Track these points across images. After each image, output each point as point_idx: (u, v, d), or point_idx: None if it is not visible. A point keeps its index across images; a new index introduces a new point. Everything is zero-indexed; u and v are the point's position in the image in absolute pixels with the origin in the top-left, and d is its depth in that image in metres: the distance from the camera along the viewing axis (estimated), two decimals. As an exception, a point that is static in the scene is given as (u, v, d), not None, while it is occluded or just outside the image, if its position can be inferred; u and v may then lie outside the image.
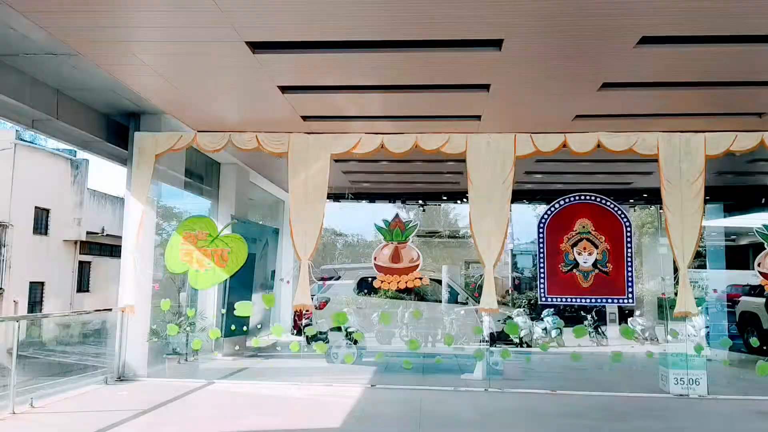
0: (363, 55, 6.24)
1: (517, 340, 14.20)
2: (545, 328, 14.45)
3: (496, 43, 5.79)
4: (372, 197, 14.53)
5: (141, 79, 7.03)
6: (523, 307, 16.92)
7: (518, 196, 13.71)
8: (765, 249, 8.34)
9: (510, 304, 18.60)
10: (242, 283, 10.84)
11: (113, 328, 8.88)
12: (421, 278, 8.58)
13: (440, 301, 12.98)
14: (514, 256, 22.05)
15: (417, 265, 8.55)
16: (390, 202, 14.43)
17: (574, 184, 12.32)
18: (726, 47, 5.81)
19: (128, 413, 6.65)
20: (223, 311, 9.44)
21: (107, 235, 24.60)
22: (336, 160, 10.44)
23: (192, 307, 9.97)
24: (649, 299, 14.95)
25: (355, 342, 9.76)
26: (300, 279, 8.47)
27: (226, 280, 9.77)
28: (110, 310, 9.20)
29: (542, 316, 16.37)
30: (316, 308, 10.96)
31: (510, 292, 22.62)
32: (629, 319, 15.49)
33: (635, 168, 10.89)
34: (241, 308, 8.89)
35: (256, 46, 5.99)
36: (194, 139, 8.72)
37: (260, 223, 14.17)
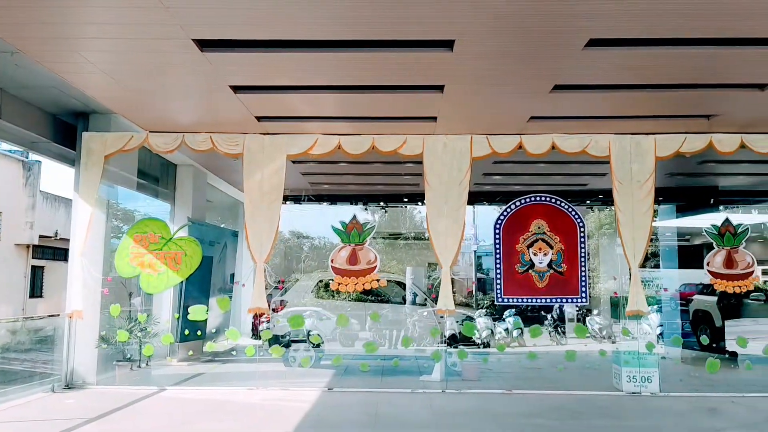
0: (316, 54, 6.15)
1: (479, 341, 14.33)
2: (507, 329, 14.58)
3: (448, 44, 5.78)
4: (333, 199, 14.43)
5: (86, 77, 6.81)
6: (486, 307, 17.03)
7: (477, 197, 13.83)
8: (714, 249, 8.55)
9: (473, 305, 18.73)
10: (199, 286, 10.64)
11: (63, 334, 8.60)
12: (378, 280, 8.52)
13: (401, 303, 12.97)
14: (478, 257, 22.23)
15: (374, 267, 8.49)
16: (351, 204, 14.34)
17: (531, 185, 12.44)
18: (673, 50, 5.90)
19: (72, 422, 6.43)
20: (177, 316, 9.22)
21: (61, 238, 23.88)
22: (294, 162, 10.34)
23: (145, 312, 9.72)
24: (606, 298, 15.20)
25: (317, 345, 9.67)
26: (256, 282, 8.34)
27: (182, 283, 9.59)
28: (57, 315, 8.88)
29: (504, 316, 16.52)
30: (273, 311, 10.82)
31: (473, 293, 22.78)
32: (587, 318, 15.74)
33: (590, 169, 11.06)
34: (195, 312, 8.70)
35: (205, 45, 5.85)
36: (146, 140, 8.52)
37: (219, 225, 13.92)
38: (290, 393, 8.23)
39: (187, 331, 9.01)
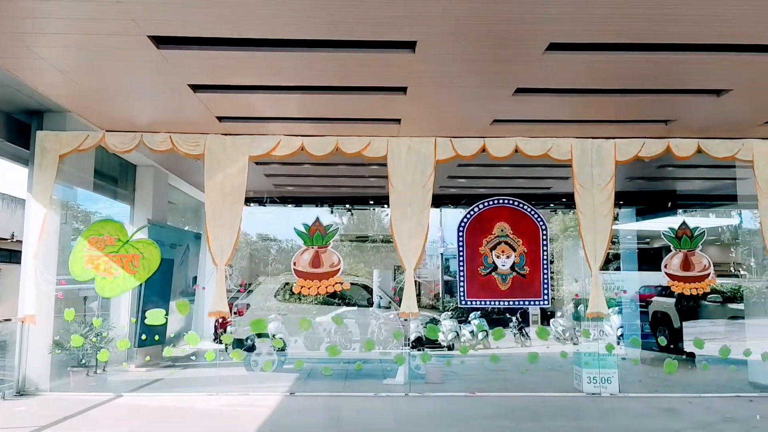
0: (278, 54, 6.07)
1: (445, 344, 14.36)
2: (472, 331, 14.64)
3: (410, 45, 5.76)
4: (298, 201, 14.30)
5: (38, 74, 6.60)
6: (452, 310, 17.10)
7: (443, 200, 13.88)
8: (671, 251, 8.70)
9: (440, 308, 18.78)
10: (159, 290, 10.40)
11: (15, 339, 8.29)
12: (342, 283, 8.44)
13: (367, 306, 12.90)
14: (446, 260, 22.33)
15: (338, 270, 8.41)
16: (317, 206, 14.24)
17: (496, 189, 12.54)
18: (632, 55, 5.99)
19: (22, 430, 6.19)
20: (134, 320, 8.98)
21: (17, 240, 23.14)
22: (257, 163, 10.22)
23: (102, 316, 9.45)
24: (570, 300, 15.41)
25: (281, 349, 9.53)
26: (216, 285, 8.18)
27: (141, 287, 9.36)
28: (9, 320, 8.56)
29: (469, 319, 16.59)
30: (235, 314, 10.64)
31: (440, 295, 22.85)
32: (551, 320, 15.93)
33: (553, 173, 11.18)
34: (152, 317, 8.48)
35: (161, 42, 5.72)
36: (102, 139, 8.29)
37: (182, 227, 13.66)
38: (251, 398, 8.08)
39: (144, 336, 8.78)
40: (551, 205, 14.12)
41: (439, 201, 14.05)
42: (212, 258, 8.13)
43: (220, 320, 10.71)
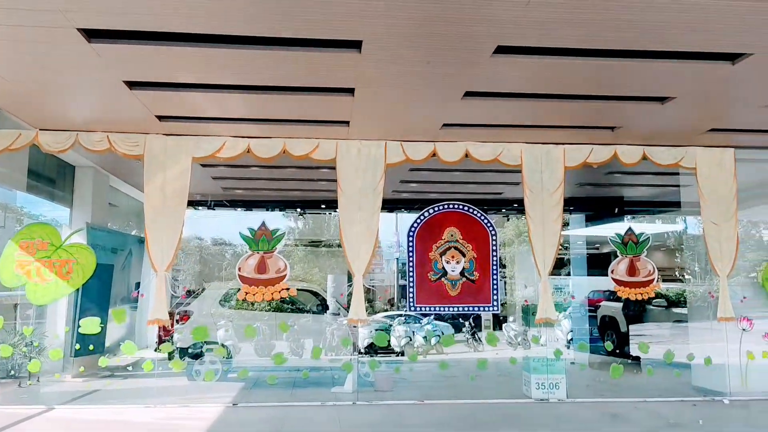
0: (219, 51, 5.79)
1: (398, 349, 14.24)
2: (426, 336, 14.57)
3: (356, 45, 5.60)
4: (248, 205, 13.96)
5: (-41, 67, 6.16)
6: (405, 315, 17.01)
7: (397, 204, 13.76)
8: (618, 257, 8.79)
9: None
10: (97, 297, 9.96)
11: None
12: (288, 289, 8.21)
13: (320, 313, 12.67)
14: (402, 264, 22.25)
15: (284, 276, 8.17)
16: (267, 210, 13.94)
17: (449, 193, 12.52)
18: (578, 60, 5.96)
19: (-64, 451, 5.75)
20: (67, 329, 8.53)
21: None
22: (203, 165, 9.90)
23: (36, 325, 8.97)
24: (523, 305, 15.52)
25: (226, 357, 9.21)
26: (156, 292, 7.83)
27: (78, 293, 8.95)
28: (-68, 330, 8.03)
29: (423, 324, 16.53)
30: (177, 322, 10.26)
31: (396, 300, 22.76)
32: (503, 325, 16.01)
33: (505, 178, 11.19)
34: (87, 325, 8.06)
35: (92, 35, 5.39)
36: (35, 138, 7.86)
37: (124, 231, 13.14)
38: (191, 410, 7.77)
39: (78, 346, 8.36)
40: (503, 210, 14.17)
41: (392, 205, 13.95)
42: (151, 263, 7.78)
43: (164, 328, 10.29)
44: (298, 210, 14.32)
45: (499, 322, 16.60)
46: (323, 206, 14.17)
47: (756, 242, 9.88)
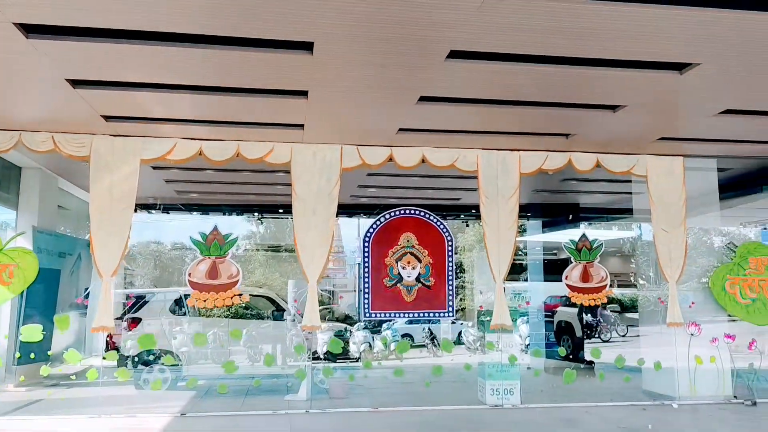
0: (167, 49, 5.61)
1: (357, 355, 14.11)
2: (385, 342, 14.50)
3: (308, 46, 5.50)
4: (204, 209, 13.67)
5: None
6: (365, 320, 16.91)
7: (356, 209, 13.68)
8: (571, 263, 8.87)
9: (354, 319, 18.53)
10: (42, 303, 9.59)
11: None
12: (241, 295, 8.03)
13: (279, 319, 12.47)
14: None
15: (236, 281, 7.99)
16: (224, 215, 13.67)
17: (408, 199, 12.47)
18: (531, 67, 5.97)
19: None
20: (6, 336, 8.17)
21: None
22: (154, 167, 9.63)
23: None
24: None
25: (174, 365, 8.95)
26: (101, 298, 7.56)
27: (21, 299, 8.59)
28: None
29: (382, 329, 16.45)
30: (125, 329, 9.94)
31: (356, 305, 22.57)
32: (462, 331, 16.06)
33: (463, 184, 11.21)
34: (28, 333, 7.73)
35: (30, 30, 5.16)
36: (-26, 137, 7.52)
37: (73, 235, 12.71)
38: (137, 421, 7.50)
39: (19, 354, 8.00)
40: (462, 216, 14.22)
41: (352, 210, 13.86)
42: (96, 269, 7.52)
43: (111, 336, 9.95)
44: (256, 214, 14.07)
45: (458, 327, 16.66)
46: (281, 210, 13.97)
47: (707, 249, 10.10)
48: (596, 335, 16.19)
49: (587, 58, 5.80)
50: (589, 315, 15.08)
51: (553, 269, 14.02)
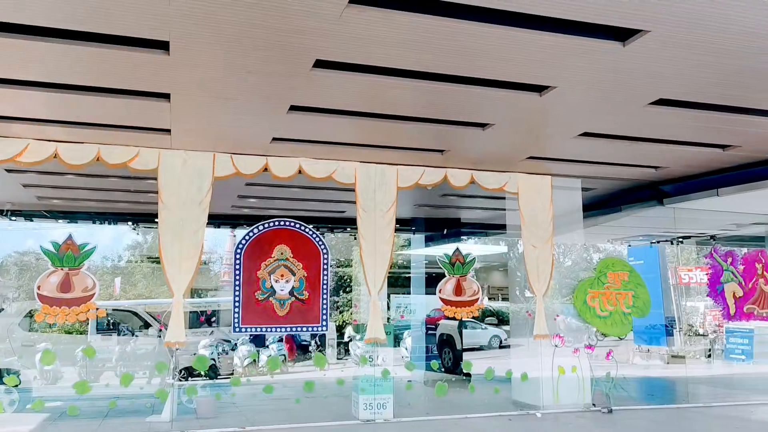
0: (14, 41, 5.12)
1: (240, 369, 13.62)
2: (270, 355, 14.10)
3: (164, 46, 5.20)
4: (72, 217, 12.69)
5: None
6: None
7: (237, 220, 13.27)
8: (446, 276, 9.03)
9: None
10: None
11: None
12: (97, 309, 7.46)
13: (150, 335, 11.78)
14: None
15: (92, 295, 7.41)
16: (94, 223, 12.77)
17: (290, 210, 12.28)
18: (401, 81, 5.98)
19: None
20: None
21: None
22: (8, 170, 8.84)
23: None
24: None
25: (16, 385, 8.13)
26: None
27: None
28: None
29: (267, 343, 16.00)
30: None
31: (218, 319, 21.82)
32: (350, 343, 15.96)
33: (346, 197, 11.10)
34: None
35: None
36: None
37: None
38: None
39: None
40: (348, 229, 14.16)
41: (233, 221, 13.42)
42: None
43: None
44: (130, 223, 13.27)
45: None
46: (156, 220, 13.26)
47: (573, 264, 10.65)
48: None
49: (455, 75, 5.90)
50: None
51: (435, 283, 14.28)
